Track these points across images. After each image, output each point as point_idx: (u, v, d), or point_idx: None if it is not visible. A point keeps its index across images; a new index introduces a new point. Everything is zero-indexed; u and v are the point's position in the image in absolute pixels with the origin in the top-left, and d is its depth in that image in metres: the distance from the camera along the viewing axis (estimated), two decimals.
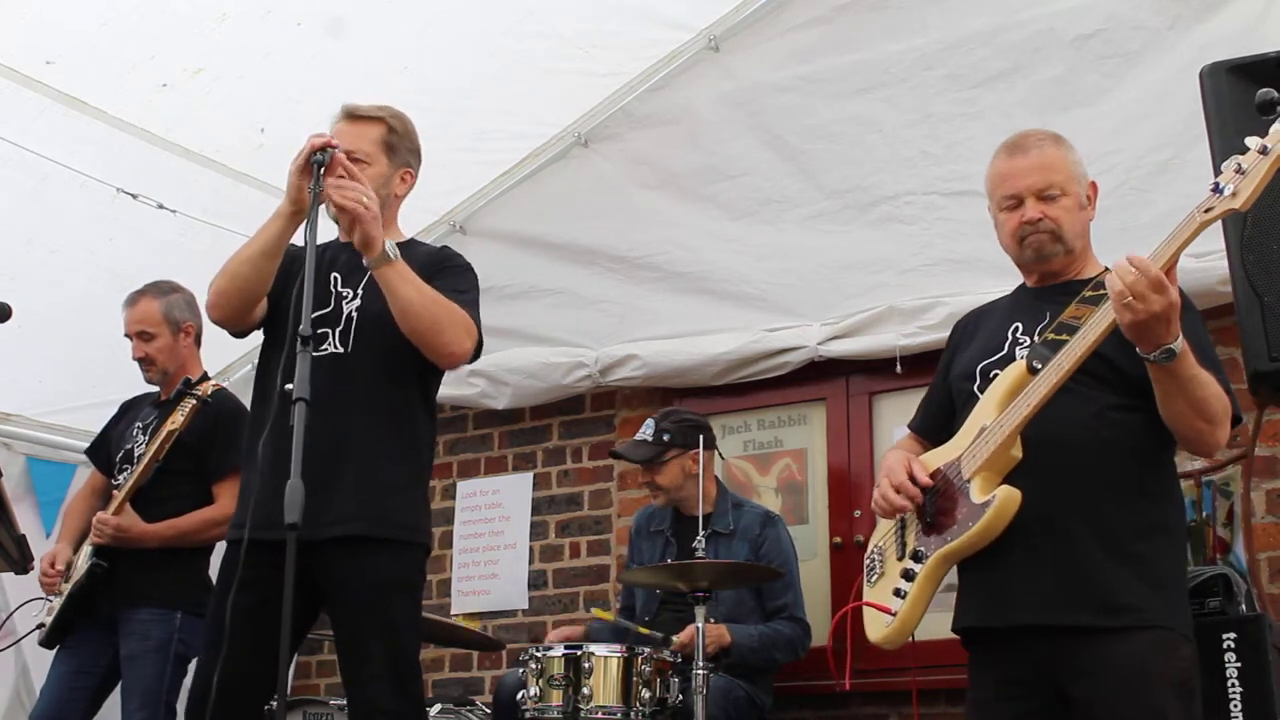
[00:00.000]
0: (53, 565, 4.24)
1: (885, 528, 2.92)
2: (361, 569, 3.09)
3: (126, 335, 4.37)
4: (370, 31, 4.45)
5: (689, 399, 5.09)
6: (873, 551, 2.94)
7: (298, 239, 3.18)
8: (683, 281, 5.09)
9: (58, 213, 4.60)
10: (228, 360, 5.60)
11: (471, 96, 4.82)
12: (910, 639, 2.78)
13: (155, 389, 4.42)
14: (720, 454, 4.64)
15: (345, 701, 4.22)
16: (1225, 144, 3.11)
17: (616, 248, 5.24)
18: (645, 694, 3.70)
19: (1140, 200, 4.14)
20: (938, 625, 2.92)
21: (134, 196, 4.64)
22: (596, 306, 5.24)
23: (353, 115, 3.30)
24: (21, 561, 3.99)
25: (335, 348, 3.21)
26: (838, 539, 4.78)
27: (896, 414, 4.76)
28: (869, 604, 2.82)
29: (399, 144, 3.33)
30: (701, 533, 4.01)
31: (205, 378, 4.38)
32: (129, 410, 4.50)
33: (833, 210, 4.85)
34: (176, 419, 4.05)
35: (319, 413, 3.11)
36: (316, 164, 2.99)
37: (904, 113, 4.76)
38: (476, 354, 3.32)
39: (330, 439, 3.11)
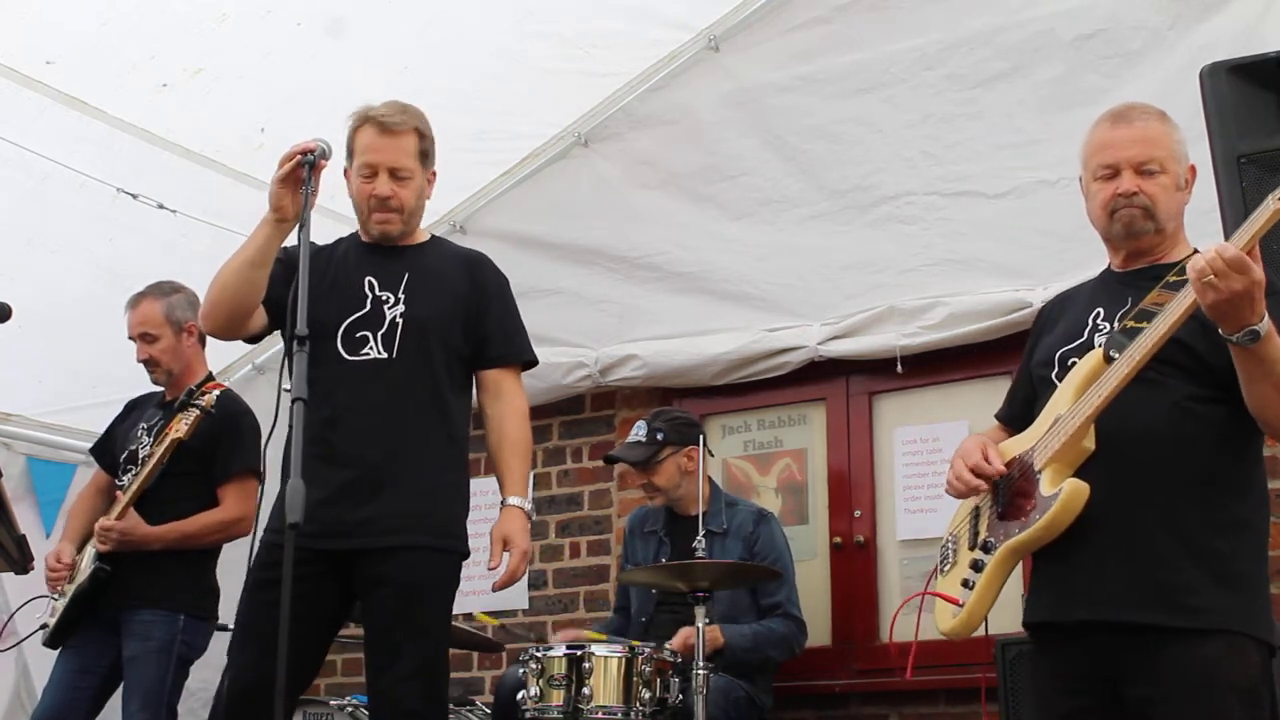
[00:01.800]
0: (59, 560, 4.23)
1: (960, 515, 2.85)
2: (400, 570, 3.12)
3: (130, 338, 4.36)
4: (370, 31, 4.45)
5: (689, 399, 5.09)
6: (947, 540, 2.87)
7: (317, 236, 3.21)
8: (683, 281, 5.09)
9: (58, 213, 4.60)
10: (228, 360, 5.60)
11: (471, 96, 4.82)
12: (983, 630, 2.73)
13: (160, 389, 4.41)
14: (710, 451, 4.64)
15: (345, 701, 4.27)
16: (1225, 144, 3.11)
17: (616, 248, 5.24)
18: (645, 694, 3.70)
19: None
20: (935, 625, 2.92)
21: (134, 196, 4.63)
22: (596, 306, 5.24)
23: (386, 129, 3.27)
24: (21, 561, 3.98)
25: (379, 353, 3.22)
26: (838, 539, 4.78)
27: (896, 414, 4.77)
28: (936, 594, 2.77)
29: (429, 149, 3.36)
30: (701, 532, 4.01)
31: (210, 377, 4.38)
32: (134, 410, 4.49)
33: (833, 210, 4.85)
34: (180, 428, 4.03)
35: (366, 419, 3.16)
36: (308, 165, 3.01)
37: (904, 113, 4.76)
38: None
39: (379, 447, 3.16)
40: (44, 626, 4.26)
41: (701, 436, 4.35)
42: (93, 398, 5.14)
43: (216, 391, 4.21)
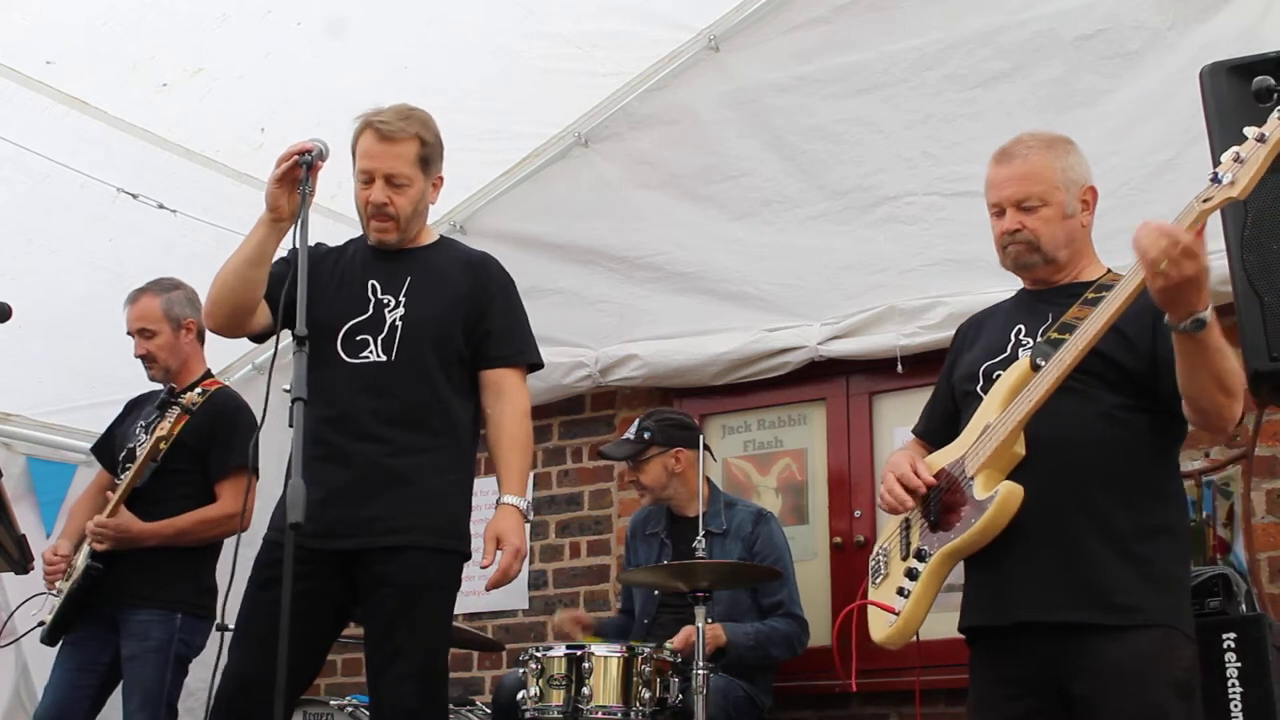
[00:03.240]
0: (55, 553, 4.23)
1: (890, 528, 2.91)
2: (401, 570, 3.12)
3: (129, 333, 4.36)
4: (370, 31, 4.45)
5: (689, 399, 5.09)
6: (878, 553, 2.93)
7: (319, 239, 3.21)
8: (683, 281, 5.09)
9: (58, 213, 4.60)
10: (229, 360, 5.60)
11: (471, 96, 4.82)
12: (915, 638, 2.77)
13: (160, 387, 4.39)
14: (712, 455, 4.64)
15: (345, 701, 4.27)
16: (1225, 144, 3.08)
17: (616, 248, 5.24)
18: (645, 694, 3.70)
19: (1140, 200, 4.13)
20: (939, 625, 2.91)
21: (134, 196, 4.64)
22: (596, 306, 5.24)
23: (384, 136, 3.26)
24: (22, 561, 3.98)
25: (378, 356, 3.23)
26: (838, 539, 4.78)
27: (896, 414, 4.77)
28: (873, 603, 2.82)
29: (432, 156, 3.33)
30: (700, 533, 4.01)
31: (208, 375, 4.38)
32: (134, 409, 4.49)
33: (833, 210, 4.85)
34: (163, 427, 4.02)
35: (366, 420, 3.16)
36: (305, 165, 3.01)
37: (904, 113, 4.76)
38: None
39: (380, 448, 3.16)
40: (41, 624, 4.26)
41: (701, 439, 4.34)
42: (93, 398, 5.15)
43: (204, 390, 4.20)
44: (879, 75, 4.82)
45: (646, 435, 4.39)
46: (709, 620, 3.79)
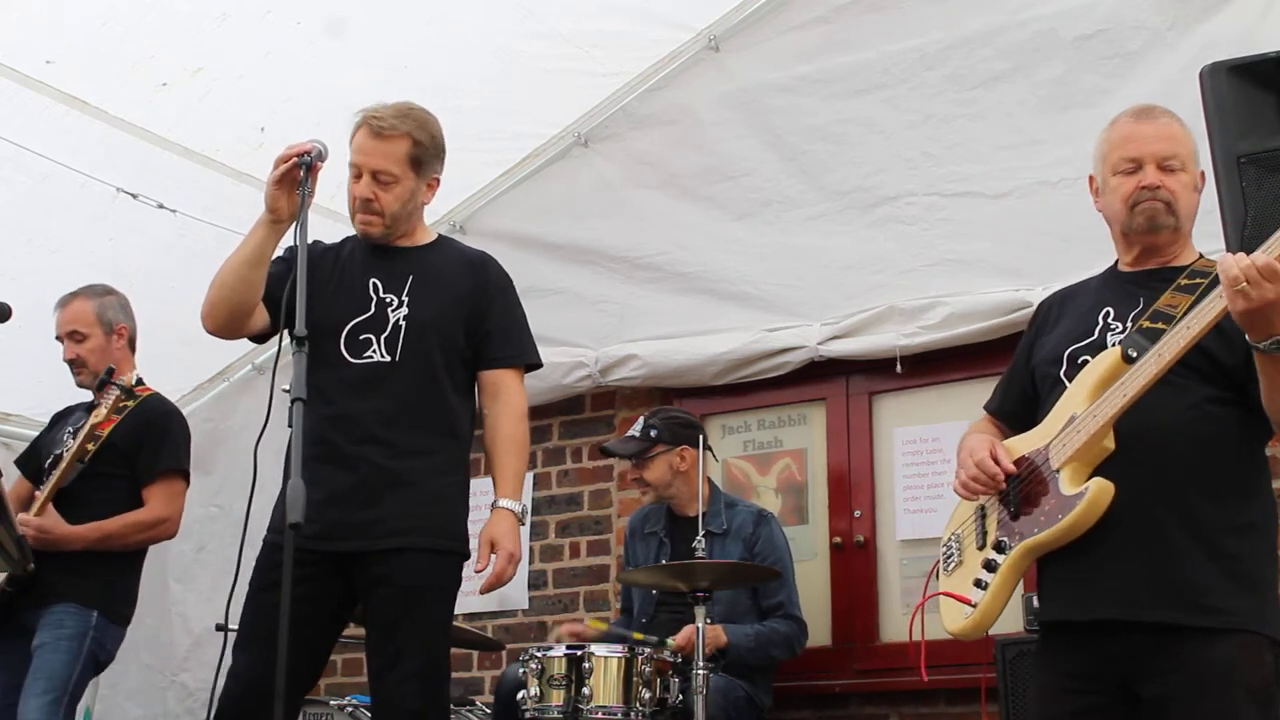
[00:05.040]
0: None
1: (964, 514, 2.82)
2: (401, 571, 3.12)
3: (57, 337, 4.30)
4: (370, 31, 4.45)
5: (689, 399, 5.08)
6: (950, 539, 2.84)
7: (318, 236, 3.21)
8: (683, 281, 5.08)
9: (58, 213, 4.60)
10: (228, 360, 5.60)
11: (471, 96, 4.81)
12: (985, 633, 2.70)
13: (89, 398, 4.27)
14: (714, 455, 4.64)
15: (345, 701, 4.27)
16: (1225, 144, 3.10)
17: (616, 248, 5.24)
18: (645, 694, 3.70)
19: None
20: (939, 625, 2.91)
21: (134, 196, 4.63)
22: (596, 306, 5.24)
23: (378, 133, 3.26)
24: (21, 561, 3.97)
25: (381, 356, 3.22)
26: (838, 539, 4.78)
27: (896, 414, 4.77)
28: (949, 594, 2.72)
29: (425, 156, 3.31)
30: (700, 533, 4.01)
31: (139, 382, 4.28)
32: (61, 419, 4.42)
33: (833, 211, 4.85)
34: (100, 413, 3.97)
35: (368, 421, 3.15)
36: (304, 166, 3.01)
37: (905, 113, 4.76)
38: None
39: (381, 449, 3.16)
40: None
41: (703, 438, 4.35)
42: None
43: (136, 394, 4.13)
44: (879, 75, 4.82)
45: (653, 433, 4.38)
46: (709, 621, 3.80)
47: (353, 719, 4.19)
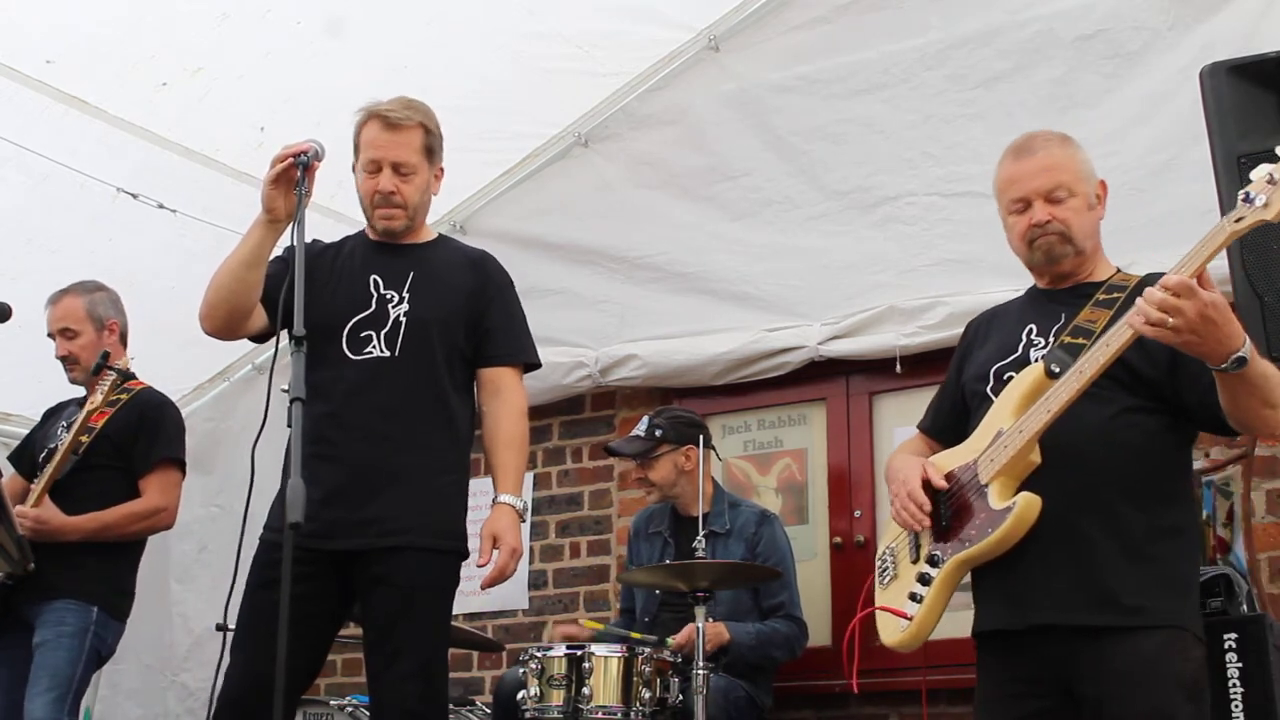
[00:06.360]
0: None
1: (897, 529, 2.89)
2: (400, 570, 3.12)
3: (49, 334, 4.31)
4: (370, 31, 4.45)
5: (689, 399, 5.08)
6: (884, 552, 2.91)
7: (318, 236, 3.21)
8: (683, 281, 5.08)
9: (58, 213, 4.60)
10: (228, 360, 5.60)
11: (471, 96, 4.81)
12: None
13: (82, 393, 4.28)
14: (717, 455, 4.64)
15: (345, 701, 4.26)
16: (1225, 144, 3.11)
17: (616, 248, 5.24)
18: (645, 694, 3.70)
19: (1140, 200, 4.14)
20: (942, 625, 2.90)
21: (134, 196, 4.64)
22: (596, 306, 5.24)
23: (392, 124, 3.28)
24: (22, 561, 3.98)
25: (381, 352, 3.22)
26: (838, 539, 4.78)
27: (896, 414, 4.77)
28: (885, 609, 2.80)
29: (435, 145, 3.36)
30: (701, 532, 4.01)
31: (132, 376, 4.26)
32: (54, 414, 4.43)
33: (833, 211, 4.85)
34: (95, 399, 3.97)
35: (368, 418, 3.16)
36: (301, 166, 3.00)
37: (905, 113, 4.76)
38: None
39: (381, 447, 3.16)
40: None
41: (704, 438, 4.34)
42: None
43: (129, 388, 4.13)
44: (879, 75, 4.81)
45: (658, 433, 4.38)
46: (710, 619, 3.79)
47: (352, 719, 4.19)
